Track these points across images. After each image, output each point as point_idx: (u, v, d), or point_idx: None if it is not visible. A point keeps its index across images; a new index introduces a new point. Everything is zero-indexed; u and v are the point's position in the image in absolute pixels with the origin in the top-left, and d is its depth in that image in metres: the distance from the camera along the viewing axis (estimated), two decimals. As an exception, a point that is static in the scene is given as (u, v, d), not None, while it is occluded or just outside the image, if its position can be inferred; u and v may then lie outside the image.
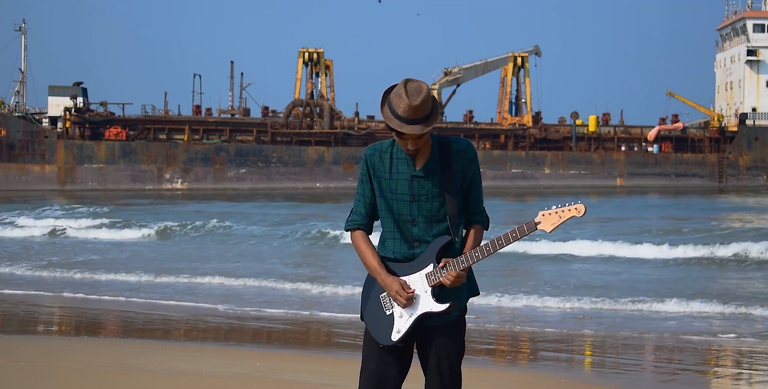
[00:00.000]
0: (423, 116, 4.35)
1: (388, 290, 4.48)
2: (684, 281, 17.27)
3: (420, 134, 4.35)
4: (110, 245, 26.87)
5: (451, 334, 4.55)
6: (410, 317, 4.48)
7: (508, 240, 4.48)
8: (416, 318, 4.48)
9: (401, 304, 4.46)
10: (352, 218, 4.62)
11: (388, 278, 4.49)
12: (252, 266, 20.51)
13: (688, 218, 35.18)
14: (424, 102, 4.34)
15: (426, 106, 4.35)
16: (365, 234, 4.61)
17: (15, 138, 68.49)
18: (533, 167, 73.87)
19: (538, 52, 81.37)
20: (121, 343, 10.55)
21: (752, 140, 74.97)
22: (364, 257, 4.57)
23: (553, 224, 4.48)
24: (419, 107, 4.33)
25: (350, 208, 4.71)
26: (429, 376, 4.55)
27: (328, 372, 8.78)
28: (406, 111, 4.33)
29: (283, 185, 70.61)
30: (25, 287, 16.57)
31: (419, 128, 4.34)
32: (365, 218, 4.60)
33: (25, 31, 76.96)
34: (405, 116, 4.34)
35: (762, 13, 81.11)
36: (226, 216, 35.76)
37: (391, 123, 4.37)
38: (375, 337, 4.52)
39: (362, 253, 4.57)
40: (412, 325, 4.48)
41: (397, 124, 4.35)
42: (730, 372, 9.56)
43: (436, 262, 4.50)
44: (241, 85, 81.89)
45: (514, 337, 11.67)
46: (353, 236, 4.62)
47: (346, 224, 4.66)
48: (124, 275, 18.20)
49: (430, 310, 4.48)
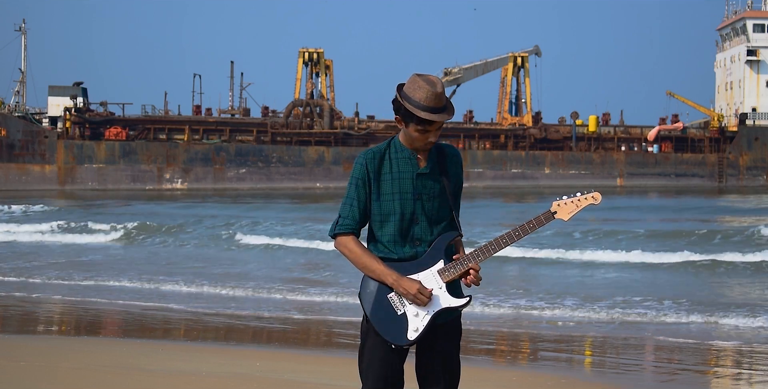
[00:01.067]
0: (444, 105, 4.45)
1: (407, 292, 4.44)
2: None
3: (444, 121, 4.45)
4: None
5: (454, 331, 4.59)
6: (427, 314, 4.47)
7: (526, 231, 4.52)
8: (434, 314, 4.48)
9: (423, 304, 4.45)
10: (344, 223, 4.55)
11: (403, 280, 4.45)
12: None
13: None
14: (443, 90, 4.45)
15: (444, 94, 4.45)
16: (357, 238, 4.58)
17: (15, 138, 68.50)
18: (533, 167, 73.87)
19: (538, 52, 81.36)
20: (121, 343, 10.54)
21: (752, 140, 74.96)
22: (366, 260, 4.51)
23: (571, 213, 4.54)
24: (442, 94, 4.43)
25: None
26: (431, 373, 4.54)
27: (328, 372, 8.78)
28: (431, 100, 4.41)
29: (283, 185, 70.61)
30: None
31: (446, 116, 4.44)
32: (357, 222, 4.56)
33: (25, 31, 77.02)
34: (431, 105, 4.41)
35: (762, 13, 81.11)
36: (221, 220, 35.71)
37: (419, 114, 4.41)
38: (388, 338, 4.46)
39: (361, 256, 4.52)
40: (429, 322, 4.47)
41: (426, 114, 4.40)
42: (730, 372, 9.56)
43: (446, 258, 4.51)
44: (241, 85, 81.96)
45: (514, 337, 11.67)
46: (345, 241, 4.55)
47: (335, 229, 4.58)
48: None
49: (449, 305, 4.49)
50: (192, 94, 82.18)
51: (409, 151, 4.55)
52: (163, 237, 27.95)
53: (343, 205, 4.58)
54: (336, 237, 4.58)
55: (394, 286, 4.46)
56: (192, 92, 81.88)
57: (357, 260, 4.53)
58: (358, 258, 4.53)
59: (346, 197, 4.58)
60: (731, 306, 13.61)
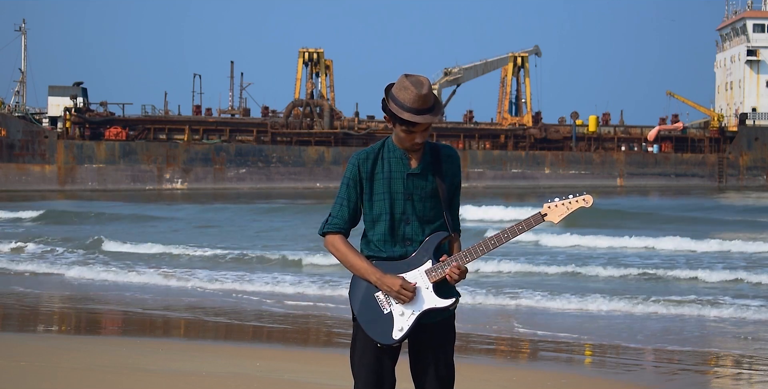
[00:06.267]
0: (430, 106, 4.45)
1: (389, 289, 4.47)
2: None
3: (430, 123, 4.45)
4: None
5: (447, 331, 4.59)
6: (412, 314, 4.49)
7: (514, 233, 4.54)
8: (419, 314, 4.49)
9: (406, 301, 4.47)
10: (333, 222, 4.60)
11: (386, 277, 4.48)
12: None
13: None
14: (429, 92, 4.45)
15: (431, 95, 4.46)
16: (345, 238, 4.61)
17: (15, 138, 68.46)
18: (533, 167, 73.84)
19: (538, 52, 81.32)
20: (121, 343, 10.54)
21: (752, 140, 74.94)
22: (351, 258, 4.55)
23: (561, 216, 4.56)
24: (427, 95, 4.43)
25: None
26: (425, 373, 4.55)
27: (328, 372, 8.79)
28: (415, 101, 4.42)
29: (283, 185, 70.58)
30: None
31: (429, 117, 4.44)
32: (347, 222, 4.60)
33: (25, 31, 76.92)
34: (415, 106, 4.43)
35: (762, 13, 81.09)
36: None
37: (402, 115, 4.43)
38: (374, 337, 4.50)
39: (347, 255, 4.56)
40: (414, 322, 4.49)
41: (409, 115, 4.42)
42: (730, 372, 9.56)
43: (434, 258, 4.52)
44: (241, 85, 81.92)
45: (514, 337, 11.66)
46: (333, 240, 4.59)
47: (324, 227, 4.62)
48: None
49: (434, 306, 4.50)
50: (192, 94, 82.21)
51: (401, 151, 4.57)
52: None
53: (334, 204, 4.63)
54: (325, 236, 4.63)
55: (378, 284, 4.49)
56: (192, 92, 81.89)
57: (343, 259, 4.58)
58: (344, 257, 4.57)
59: (338, 196, 4.62)
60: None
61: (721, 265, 19.53)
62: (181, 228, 32.53)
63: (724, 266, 19.37)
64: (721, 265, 19.53)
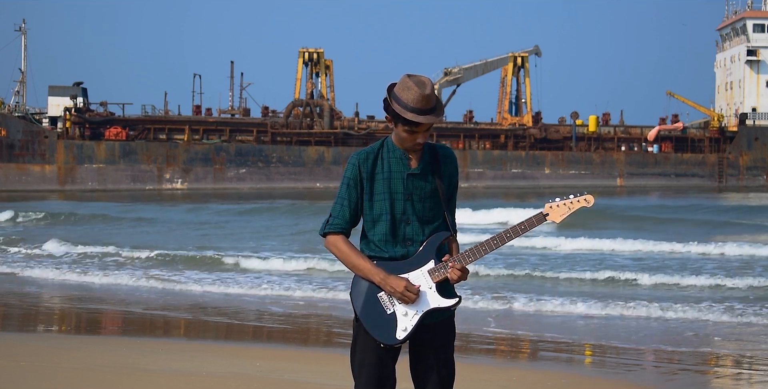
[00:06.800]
0: (432, 106, 4.45)
1: (394, 289, 4.46)
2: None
3: (432, 123, 4.46)
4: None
5: (448, 331, 4.60)
6: (416, 314, 4.50)
7: (517, 233, 4.55)
8: (423, 314, 4.49)
9: (410, 301, 4.47)
10: (334, 222, 4.58)
11: (390, 278, 4.48)
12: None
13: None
14: (432, 92, 4.45)
15: (433, 96, 4.46)
16: (347, 238, 4.60)
17: (15, 138, 68.45)
18: (533, 167, 73.84)
19: (538, 52, 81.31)
20: (121, 343, 10.54)
21: (752, 140, 74.95)
22: (354, 259, 4.54)
23: (562, 215, 4.57)
24: (430, 95, 4.44)
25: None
26: (426, 373, 4.55)
27: (328, 372, 8.79)
28: (419, 101, 4.43)
29: (283, 185, 70.59)
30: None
31: (432, 118, 4.44)
32: (347, 222, 4.59)
33: (25, 31, 76.93)
34: (418, 106, 4.43)
35: (762, 13, 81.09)
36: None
37: (405, 116, 4.43)
38: (377, 337, 4.50)
39: (350, 255, 4.55)
40: (418, 322, 4.49)
41: (412, 116, 4.43)
42: (730, 372, 9.56)
43: (437, 258, 4.52)
44: (241, 85, 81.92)
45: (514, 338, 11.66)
46: (335, 240, 4.58)
47: (325, 228, 4.61)
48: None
49: (438, 306, 4.51)
50: (192, 94, 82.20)
51: (401, 151, 4.57)
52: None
53: (334, 204, 4.62)
54: (326, 236, 4.62)
55: (382, 284, 4.49)
56: (192, 92, 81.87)
57: (346, 259, 4.57)
58: (346, 257, 4.56)
59: (338, 196, 4.61)
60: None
61: (713, 265, 19.54)
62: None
63: (721, 267, 19.37)
64: (713, 265, 19.54)
